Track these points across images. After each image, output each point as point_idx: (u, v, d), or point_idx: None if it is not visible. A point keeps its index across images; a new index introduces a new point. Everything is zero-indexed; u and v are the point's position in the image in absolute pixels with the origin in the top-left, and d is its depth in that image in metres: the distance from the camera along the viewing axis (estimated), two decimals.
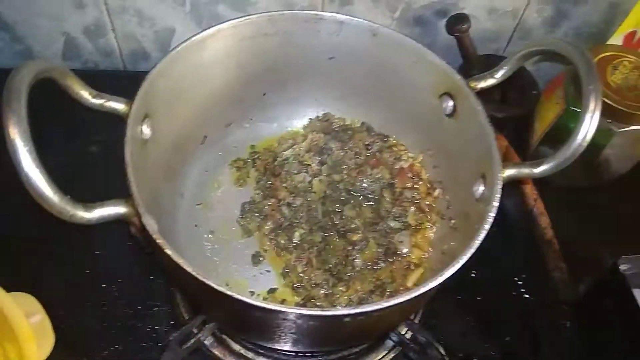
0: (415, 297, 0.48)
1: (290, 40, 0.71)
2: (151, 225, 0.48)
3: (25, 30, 0.93)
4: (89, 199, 0.49)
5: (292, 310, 0.45)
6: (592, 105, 0.53)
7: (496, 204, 0.55)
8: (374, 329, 0.61)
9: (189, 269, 0.46)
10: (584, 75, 0.54)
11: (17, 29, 0.93)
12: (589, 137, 0.54)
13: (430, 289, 0.48)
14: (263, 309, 0.45)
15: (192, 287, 0.50)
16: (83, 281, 0.74)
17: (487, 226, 0.53)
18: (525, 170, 0.57)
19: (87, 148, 0.88)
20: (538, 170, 0.57)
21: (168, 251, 0.47)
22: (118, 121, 0.56)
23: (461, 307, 0.77)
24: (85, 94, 0.54)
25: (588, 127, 0.53)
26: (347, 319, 0.47)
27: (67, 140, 0.84)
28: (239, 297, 0.45)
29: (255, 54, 0.71)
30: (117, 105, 0.55)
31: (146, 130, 0.60)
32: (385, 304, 0.46)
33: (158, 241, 0.47)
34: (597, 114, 0.53)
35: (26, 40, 0.95)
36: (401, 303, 0.47)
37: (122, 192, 0.51)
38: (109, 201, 0.49)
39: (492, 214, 0.54)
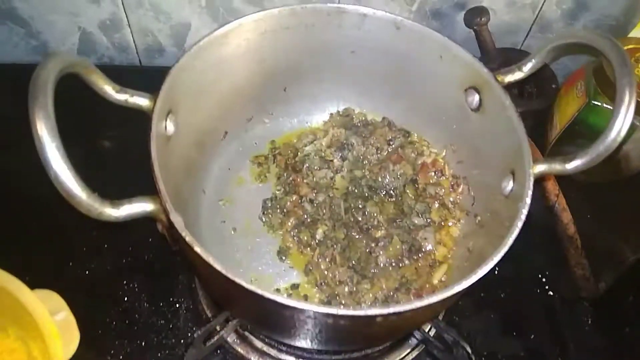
0: (449, 297, 0.47)
1: (312, 34, 0.70)
2: (179, 222, 0.47)
3: (40, 25, 0.93)
4: (105, 196, 0.48)
5: (323, 310, 0.44)
6: (627, 99, 0.51)
7: (528, 200, 0.53)
8: (401, 328, 0.60)
9: (218, 267, 0.45)
10: (617, 67, 0.52)
11: (33, 24, 0.92)
12: (624, 132, 0.52)
13: (464, 289, 0.47)
14: (294, 308, 0.45)
15: (220, 284, 0.49)
16: (105, 278, 0.74)
17: (519, 223, 0.52)
18: (557, 166, 0.56)
19: (99, 144, 0.88)
20: (570, 166, 0.55)
21: (197, 248, 0.46)
22: (131, 117, 0.55)
23: (484, 304, 0.76)
24: (109, 89, 0.53)
25: (623, 121, 0.51)
26: (379, 319, 0.46)
27: (80, 137, 0.83)
28: (270, 295, 0.44)
29: (277, 48, 0.70)
30: (141, 100, 0.55)
31: (170, 126, 0.59)
32: (419, 304, 0.45)
33: (187, 238, 0.46)
34: (632, 108, 0.51)
35: (42, 36, 0.95)
36: (435, 303, 0.46)
37: (138, 188, 0.50)
38: (136, 198, 0.49)
39: (525, 211, 0.53)
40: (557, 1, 0.90)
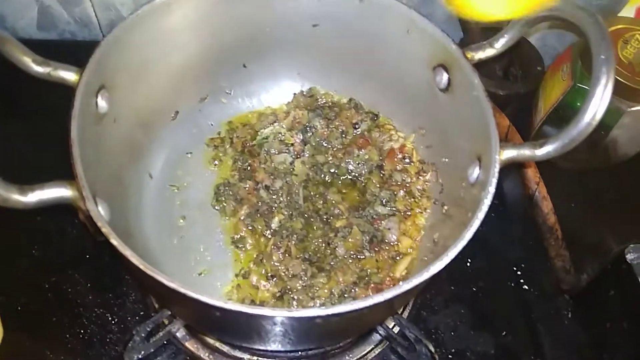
0: (397, 295, 0.42)
1: (269, 5, 0.65)
2: (94, 211, 0.42)
3: None
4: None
5: (254, 311, 0.40)
6: (603, 79, 0.46)
7: (492, 189, 0.49)
8: (354, 327, 0.56)
9: (136, 262, 0.40)
10: (595, 43, 0.47)
11: None
12: (599, 115, 0.47)
13: (413, 287, 0.43)
14: (222, 309, 0.40)
15: (146, 281, 0.44)
16: (46, 266, 0.70)
17: (480, 215, 0.47)
18: (527, 152, 0.51)
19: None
20: (541, 152, 0.50)
21: (114, 241, 0.41)
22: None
23: (455, 298, 0.72)
24: (28, 61, 0.48)
25: (599, 103, 0.46)
26: (318, 320, 0.41)
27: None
28: (192, 294, 0.39)
29: (231, 20, 0.65)
30: (66, 74, 0.49)
31: (102, 103, 0.54)
32: (361, 304, 0.40)
33: (103, 229, 0.42)
34: (609, 89, 0.46)
35: None
36: (379, 304, 0.41)
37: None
38: (50, 183, 0.44)
39: (487, 202, 0.48)
40: None
